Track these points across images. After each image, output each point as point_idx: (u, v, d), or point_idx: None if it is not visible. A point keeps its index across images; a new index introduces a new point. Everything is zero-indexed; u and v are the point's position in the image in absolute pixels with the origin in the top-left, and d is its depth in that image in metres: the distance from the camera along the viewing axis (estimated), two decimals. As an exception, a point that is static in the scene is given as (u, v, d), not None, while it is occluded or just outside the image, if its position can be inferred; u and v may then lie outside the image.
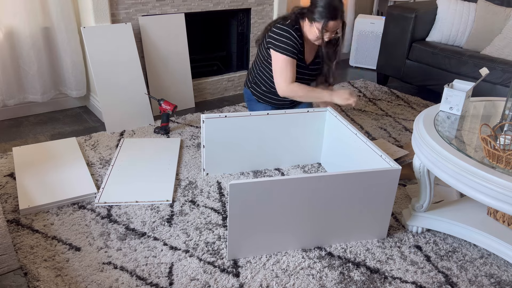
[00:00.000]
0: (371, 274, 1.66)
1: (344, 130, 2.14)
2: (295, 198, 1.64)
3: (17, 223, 1.84)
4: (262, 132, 2.24)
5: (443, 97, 1.92)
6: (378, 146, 2.56)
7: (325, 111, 2.29)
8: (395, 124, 2.95)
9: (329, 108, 2.28)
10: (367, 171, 1.67)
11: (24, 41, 2.66)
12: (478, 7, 3.31)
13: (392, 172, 1.70)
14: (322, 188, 1.65)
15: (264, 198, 1.60)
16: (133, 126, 2.73)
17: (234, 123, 2.17)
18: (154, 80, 2.93)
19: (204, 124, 2.12)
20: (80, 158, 2.32)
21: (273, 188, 1.59)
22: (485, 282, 1.65)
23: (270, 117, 2.21)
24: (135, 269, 1.63)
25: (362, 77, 3.95)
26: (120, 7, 2.71)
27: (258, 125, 2.21)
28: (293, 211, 1.67)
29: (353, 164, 2.07)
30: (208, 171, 2.25)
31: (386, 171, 1.69)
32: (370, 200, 1.74)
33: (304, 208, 1.67)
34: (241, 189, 1.55)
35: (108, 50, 2.68)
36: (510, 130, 1.74)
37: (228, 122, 2.15)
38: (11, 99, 2.76)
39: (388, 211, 1.80)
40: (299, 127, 2.28)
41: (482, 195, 1.49)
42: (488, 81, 2.99)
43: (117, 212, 1.94)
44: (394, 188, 1.75)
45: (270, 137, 2.27)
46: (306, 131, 2.31)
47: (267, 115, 2.20)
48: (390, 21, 3.54)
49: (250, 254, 1.71)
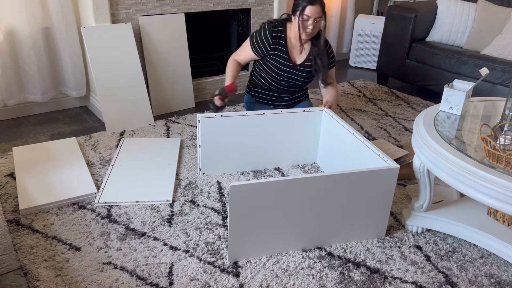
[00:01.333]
0: (371, 274, 1.66)
1: (341, 129, 2.14)
2: (295, 198, 1.64)
3: (17, 223, 1.84)
4: (259, 131, 2.25)
5: (443, 97, 1.92)
6: (378, 146, 2.57)
7: (321, 111, 2.30)
8: (395, 124, 2.95)
9: (324, 108, 2.30)
10: (366, 170, 1.67)
11: (24, 41, 2.66)
12: (478, 7, 3.31)
13: (390, 171, 1.71)
14: (322, 188, 1.65)
15: (264, 199, 1.60)
16: (133, 126, 2.73)
17: (230, 122, 2.17)
18: (154, 80, 2.93)
19: (200, 124, 2.12)
20: (80, 158, 2.32)
21: (273, 189, 1.59)
22: (485, 282, 1.65)
23: (266, 116, 2.22)
24: (135, 269, 1.63)
25: (362, 77, 3.95)
26: (120, 7, 2.71)
27: (254, 124, 2.22)
28: (293, 211, 1.67)
29: (350, 163, 2.07)
30: (204, 171, 2.25)
31: (384, 170, 1.70)
32: (369, 199, 1.75)
33: (304, 208, 1.68)
34: (242, 190, 1.55)
35: (108, 50, 2.67)
36: (510, 130, 1.74)
37: (224, 122, 2.16)
38: (11, 99, 2.76)
39: (387, 210, 1.80)
40: (295, 127, 2.30)
41: (482, 195, 1.49)
42: (488, 81, 2.99)
43: (117, 212, 1.94)
44: (392, 186, 1.75)
45: (266, 137, 2.28)
46: (303, 131, 2.32)
47: (263, 114, 2.21)
48: (390, 21, 3.54)
49: (250, 256, 1.71)
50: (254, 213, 1.62)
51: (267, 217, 1.65)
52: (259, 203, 1.60)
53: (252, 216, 1.62)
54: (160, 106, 2.99)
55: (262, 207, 1.61)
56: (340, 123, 2.14)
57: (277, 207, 1.64)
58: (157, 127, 2.76)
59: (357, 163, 2.01)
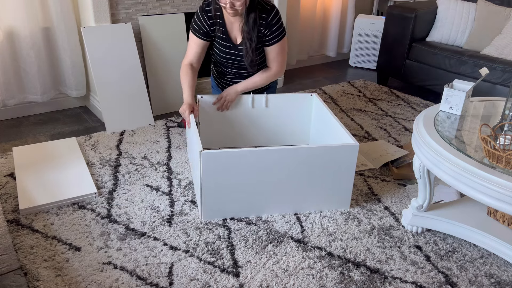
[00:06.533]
0: (371, 274, 1.66)
1: (325, 112, 2.31)
2: (263, 167, 1.86)
3: (17, 223, 1.85)
4: (249, 114, 2.45)
5: (443, 97, 1.92)
6: (378, 147, 2.57)
7: (311, 96, 2.47)
8: (395, 124, 2.95)
9: (314, 94, 2.46)
10: (328, 145, 1.90)
11: (24, 41, 2.66)
12: (478, 7, 3.31)
13: (351, 147, 1.91)
14: (286, 159, 1.87)
15: (234, 167, 1.83)
16: (133, 126, 2.74)
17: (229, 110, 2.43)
18: (154, 80, 2.93)
19: (200, 103, 2.38)
20: (80, 158, 2.32)
21: (241, 157, 1.82)
22: (485, 282, 1.65)
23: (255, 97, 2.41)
24: (135, 269, 1.63)
25: (362, 77, 3.95)
26: (120, 7, 2.71)
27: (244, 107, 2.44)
28: (263, 179, 1.89)
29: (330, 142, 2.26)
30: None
31: (345, 146, 1.91)
32: (333, 172, 1.95)
33: (273, 176, 1.89)
34: (212, 157, 1.78)
35: (108, 50, 2.68)
36: (510, 130, 1.74)
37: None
38: (11, 99, 2.76)
39: (350, 183, 1.99)
40: (287, 110, 2.48)
41: (482, 195, 1.49)
42: (488, 81, 2.99)
43: (117, 212, 1.94)
44: (353, 163, 1.95)
45: (257, 119, 2.46)
46: (294, 114, 2.50)
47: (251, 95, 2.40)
48: (390, 21, 3.54)
49: (224, 216, 1.94)
50: (225, 178, 1.84)
51: (238, 182, 1.86)
52: (229, 169, 1.82)
53: (224, 180, 1.84)
54: (160, 106, 3.00)
55: (233, 173, 1.84)
56: (325, 107, 2.32)
57: (246, 174, 1.85)
58: (157, 127, 2.76)
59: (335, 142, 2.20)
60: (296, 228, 1.89)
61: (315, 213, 2.00)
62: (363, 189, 2.19)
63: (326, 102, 3.28)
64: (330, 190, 1.98)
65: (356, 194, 2.15)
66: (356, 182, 2.25)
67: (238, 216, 1.94)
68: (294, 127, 2.53)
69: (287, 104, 2.45)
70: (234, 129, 2.48)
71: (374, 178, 2.29)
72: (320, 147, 1.88)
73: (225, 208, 1.91)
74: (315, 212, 2.00)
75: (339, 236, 1.85)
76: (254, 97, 2.39)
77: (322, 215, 1.98)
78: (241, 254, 1.73)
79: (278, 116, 2.48)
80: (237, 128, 2.48)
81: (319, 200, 1.99)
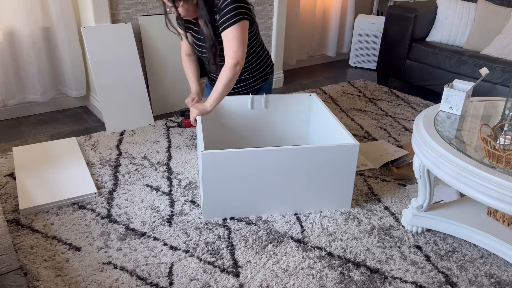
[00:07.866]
0: (371, 274, 1.66)
1: (325, 112, 2.31)
2: (263, 167, 1.86)
3: (17, 223, 1.85)
4: (249, 114, 2.45)
5: (443, 97, 1.92)
6: (378, 147, 2.57)
7: (310, 96, 2.46)
8: (395, 124, 2.95)
9: (313, 94, 2.45)
10: (327, 145, 1.89)
11: (24, 41, 2.66)
12: (478, 7, 3.31)
13: (351, 147, 1.91)
14: (286, 159, 1.87)
15: (234, 167, 1.84)
16: (133, 126, 2.74)
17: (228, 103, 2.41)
18: (154, 80, 2.93)
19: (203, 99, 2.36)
20: (80, 158, 2.32)
21: (241, 157, 1.82)
22: (485, 282, 1.65)
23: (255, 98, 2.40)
24: (135, 269, 1.63)
25: (362, 77, 3.95)
26: (120, 7, 2.71)
27: (244, 108, 2.42)
28: (263, 179, 1.89)
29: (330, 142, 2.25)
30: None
31: (345, 146, 1.90)
32: (333, 172, 1.94)
33: (274, 177, 1.89)
34: (213, 157, 1.79)
35: (108, 50, 2.68)
36: (510, 130, 1.74)
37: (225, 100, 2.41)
38: (11, 99, 2.76)
39: (350, 183, 1.98)
40: (286, 110, 2.47)
41: (482, 195, 1.49)
42: (488, 81, 2.99)
43: (117, 212, 1.94)
44: (354, 162, 1.94)
45: (256, 120, 2.46)
46: (293, 115, 2.50)
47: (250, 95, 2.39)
48: (390, 21, 3.54)
49: (225, 215, 1.94)
50: (226, 178, 1.85)
51: (239, 182, 1.87)
52: (229, 169, 1.83)
53: (225, 180, 1.85)
54: (160, 106, 3.00)
55: (233, 173, 1.85)
56: (324, 106, 2.32)
57: (246, 174, 1.86)
58: (157, 127, 2.76)
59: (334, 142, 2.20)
60: (296, 228, 1.89)
61: (315, 213, 2.00)
62: (363, 189, 2.20)
63: (326, 102, 3.28)
64: (330, 190, 1.98)
65: (356, 194, 2.15)
66: (356, 182, 2.25)
67: (238, 216, 1.94)
68: (293, 127, 2.53)
69: (287, 104, 2.46)
70: (234, 130, 2.48)
71: (374, 178, 2.29)
72: (320, 147, 1.88)
73: (225, 208, 1.92)
74: (315, 212, 2.00)
75: (339, 236, 1.85)
76: (253, 98, 2.39)
77: (322, 215, 1.98)
78: (241, 254, 1.73)
79: (278, 117, 2.48)
80: (237, 129, 2.48)
81: (320, 200, 1.99)
